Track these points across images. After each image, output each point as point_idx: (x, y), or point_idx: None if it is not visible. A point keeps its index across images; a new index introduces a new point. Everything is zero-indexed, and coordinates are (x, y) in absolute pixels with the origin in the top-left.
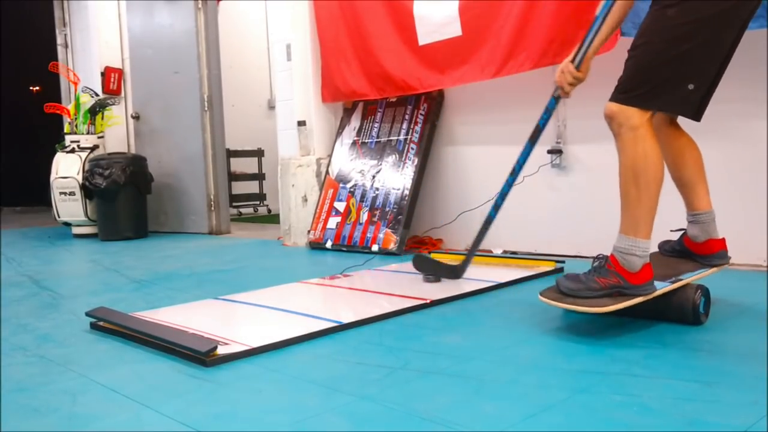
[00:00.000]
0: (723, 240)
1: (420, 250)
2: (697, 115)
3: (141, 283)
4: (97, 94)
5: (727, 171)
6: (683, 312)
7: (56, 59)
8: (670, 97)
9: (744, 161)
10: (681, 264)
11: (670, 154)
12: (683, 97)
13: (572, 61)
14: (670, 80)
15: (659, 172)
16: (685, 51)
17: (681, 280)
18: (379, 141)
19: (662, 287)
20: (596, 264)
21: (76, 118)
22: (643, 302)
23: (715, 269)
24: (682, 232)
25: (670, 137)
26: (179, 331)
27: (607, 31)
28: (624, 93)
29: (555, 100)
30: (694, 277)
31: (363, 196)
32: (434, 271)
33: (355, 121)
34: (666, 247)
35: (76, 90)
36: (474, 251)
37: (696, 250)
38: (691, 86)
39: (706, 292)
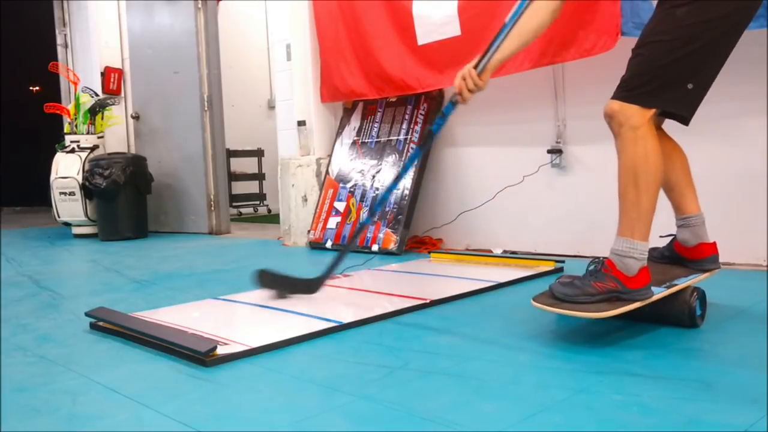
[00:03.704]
0: (714, 244)
1: (420, 249)
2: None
3: (141, 283)
4: (97, 94)
5: (727, 170)
6: (680, 316)
7: (56, 59)
8: (671, 96)
9: (744, 160)
10: (673, 269)
11: None
12: (682, 96)
13: (475, 67)
14: (673, 79)
15: (659, 173)
16: (692, 51)
17: (675, 285)
18: (379, 141)
19: (658, 292)
20: (592, 268)
21: (76, 118)
22: (639, 307)
23: (707, 274)
24: (672, 237)
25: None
26: (179, 331)
27: (518, 42)
28: (627, 91)
29: (452, 105)
30: (689, 282)
31: (363, 196)
32: (284, 287)
33: (354, 121)
34: (655, 254)
35: (76, 90)
36: (335, 266)
37: (686, 254)
38: (690, 86)
39: (702, 295)
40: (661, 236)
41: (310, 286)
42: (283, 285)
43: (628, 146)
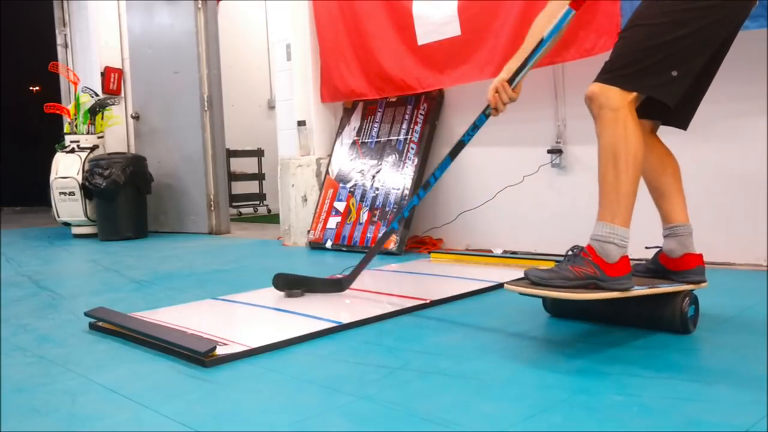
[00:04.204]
0: (700, 256)
1: (420, 249)
2: (683, 121)
3: (141, 283)
4: (97, 94)
5: (727, 170)
6: (672, 321)
7: (56, 59)
8: (653, 81)
9: (744, 160)
10: (656, 281)
11: (650, 161)
12: (666, 83)
13: (509, 81)
14: (656, 64)
15: (639, 155)
16: (678, 37)
17: (658, 287)
18: (379, 141)
19: (639, 289)
20: (570, 253)
21: (76, 118)
22: (630, 310)
23: (692, 286)
24: (658, 250)
25: (650, 145)
26: (179, 331)
27: (542, 53)
28: (608, 73)
29: (485, 117)
30: (672, 289)
31: (363, 196)
32: (307, 287)
33: (354, 121)
34: (639, 268)
35: (76, 90)
36: (366, 263)
37: (671, 266)
38: (674, 73)
39: (694, 300)
40: (647, 247)
41: (339, 284)
42: (307, 285)
43: (608, 127)
